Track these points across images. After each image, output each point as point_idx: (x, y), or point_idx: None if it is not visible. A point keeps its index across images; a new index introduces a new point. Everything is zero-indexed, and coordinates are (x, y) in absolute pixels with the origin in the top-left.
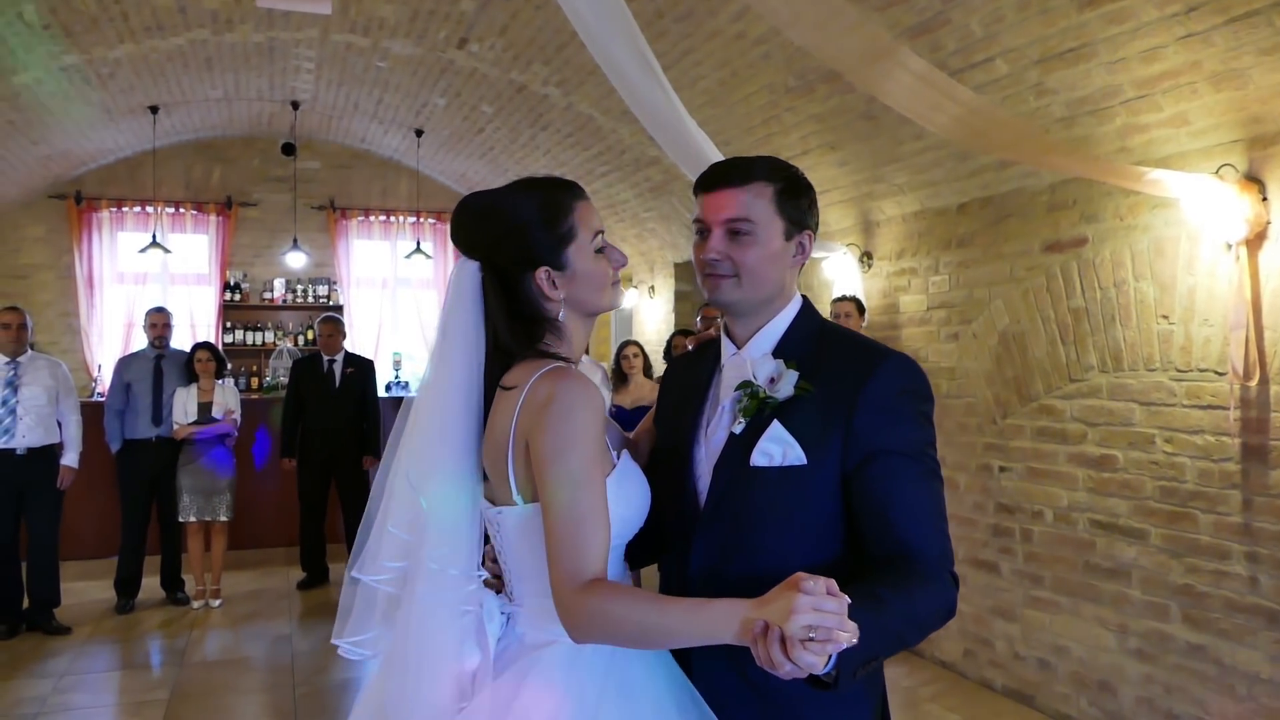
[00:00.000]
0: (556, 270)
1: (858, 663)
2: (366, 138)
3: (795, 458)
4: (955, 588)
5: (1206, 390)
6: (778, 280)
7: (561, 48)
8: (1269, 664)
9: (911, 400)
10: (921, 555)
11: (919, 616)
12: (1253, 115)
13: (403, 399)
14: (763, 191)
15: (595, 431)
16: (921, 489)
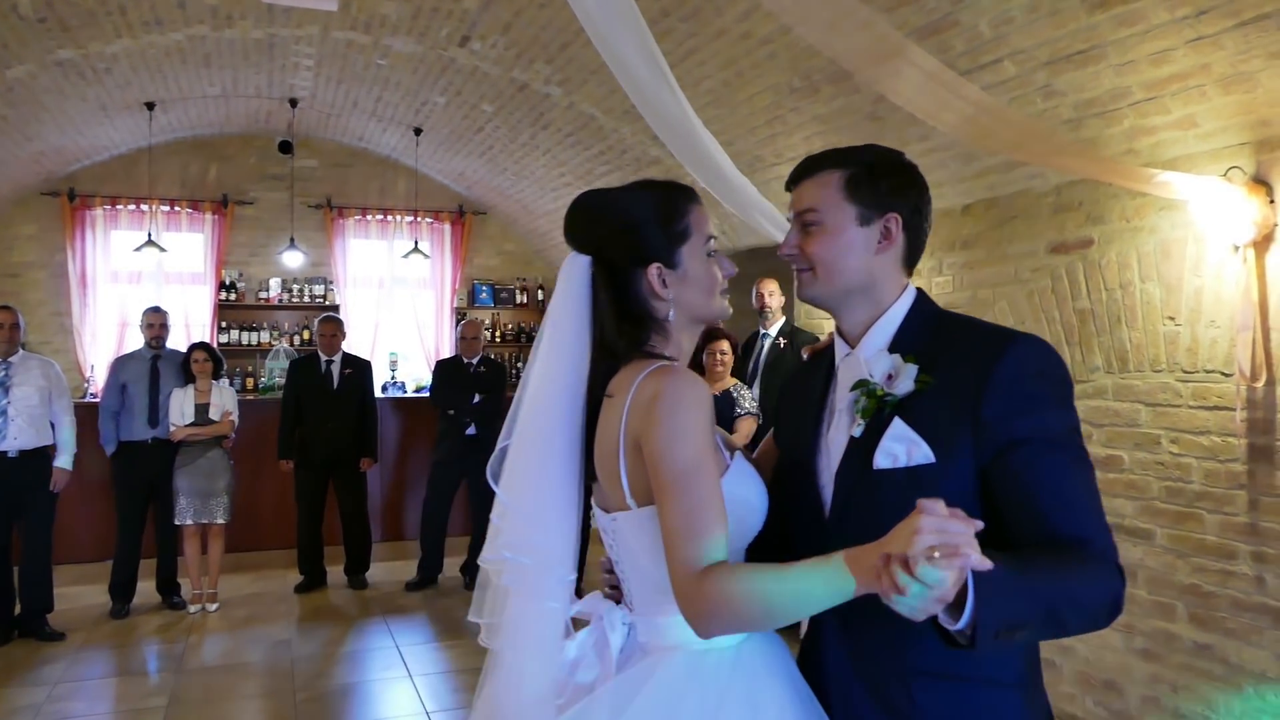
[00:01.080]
0: (669, 268)
1: (999, 623)
2: (365, 136)
3: (922, 456)
4: (1121, 583)
5: (1213, 391)
6: (859, 269)
7: (565, 46)
8: (1275, 663)
9: (1047, 383)
10: (1083, 542)
11: (1077, 596)
12: (1261, 118)
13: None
14: (827, 180)
15: (705, 424)
16: (1072, 476)
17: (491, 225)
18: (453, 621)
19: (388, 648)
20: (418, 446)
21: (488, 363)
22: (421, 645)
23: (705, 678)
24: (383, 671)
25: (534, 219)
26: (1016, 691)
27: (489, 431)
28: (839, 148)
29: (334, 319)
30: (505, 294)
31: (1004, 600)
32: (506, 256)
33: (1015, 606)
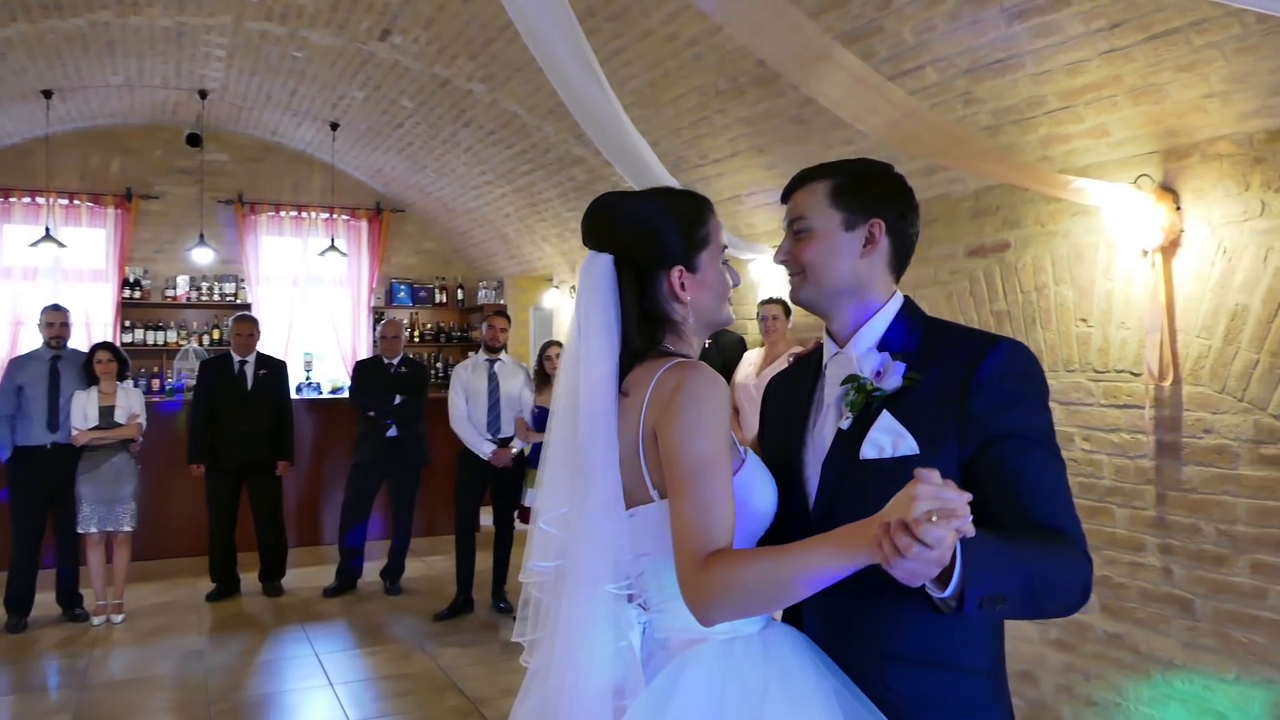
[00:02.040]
0: (689, 272)
1: (983, 592)
2: (278, 130)
3: (907, 448)
4: (1090, 569)
5: (1123, 390)
6: (847, 272)
7: (488, 43)
8: (1181, 650)
9: (1028, 383)
10: (1059, 531)
11: (1054, 576)
12: (1169, 128)
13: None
14: (816, 189)
15: (723, 418)
16: (1049, 471)
17: (410, 223)
18: (373, 627)
19: (306, 656)
20: (334, 449)
21: (409, 363)
22: (341, 653)
23: (741, 669)
24: (301, 681)
25: (454, 217)
26: (985, 678)
27: (410, 433)
28: (831, 161)
29: (249, 318)
30: (424, 293)
31: (989, 570)
32: (426, 255)
33: (999, 577)
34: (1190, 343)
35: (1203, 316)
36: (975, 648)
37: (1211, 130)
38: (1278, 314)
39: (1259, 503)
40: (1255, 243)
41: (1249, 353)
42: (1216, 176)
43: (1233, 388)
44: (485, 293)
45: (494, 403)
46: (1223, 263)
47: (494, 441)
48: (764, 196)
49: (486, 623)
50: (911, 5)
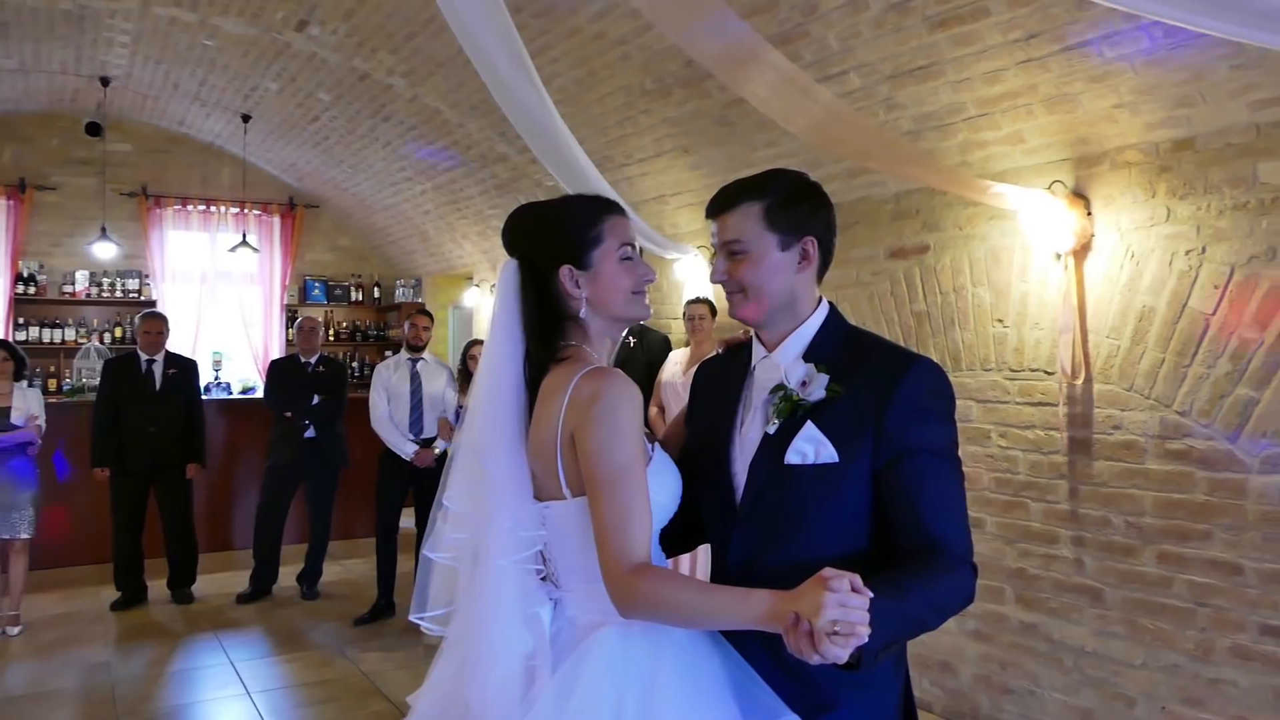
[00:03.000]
0: (579, 270)
1: (879, 646)
2: (186, 120)
3: (828, 456)
4: (975, 577)
5: (1037, 388)
6: (785, 290)
7: (411, 37)
8: (1093, 638)
9: (939, 401)
10: (947, 547)
11: (940, 603)
12: (1080, 137)
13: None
14: (749, 211)
15: (637, 425)
16: (947, 485)
17: (324, 219)
18: (291, 634)
19: (221, 665)
20: (246, 451)
21: (327, 362)
22: (258, 660)
23: (639, 656)
24: (217, 690)
25: (371, 213)
26: (891, 660)
27: (329, 434)
28: (751, 177)
29: (158, 315)
30: (339, 291)
31: (885, 629)
32: (341, 252)
33: (893, 630)
34: (1100, 343)
35: (1112, 318)
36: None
37: (1120, 139)
38: (1182, 315)
39: (1165, 495)
40: (1161, 247)
41: (1155, 352)
42: (1125, 184)
43: (1140, 386)
44: (403, 291)
45: (417, 403)
46: (1131, 266)
47: (417, 442)
48: (688, 197)
49: (408, 627)
50: (837, 11)
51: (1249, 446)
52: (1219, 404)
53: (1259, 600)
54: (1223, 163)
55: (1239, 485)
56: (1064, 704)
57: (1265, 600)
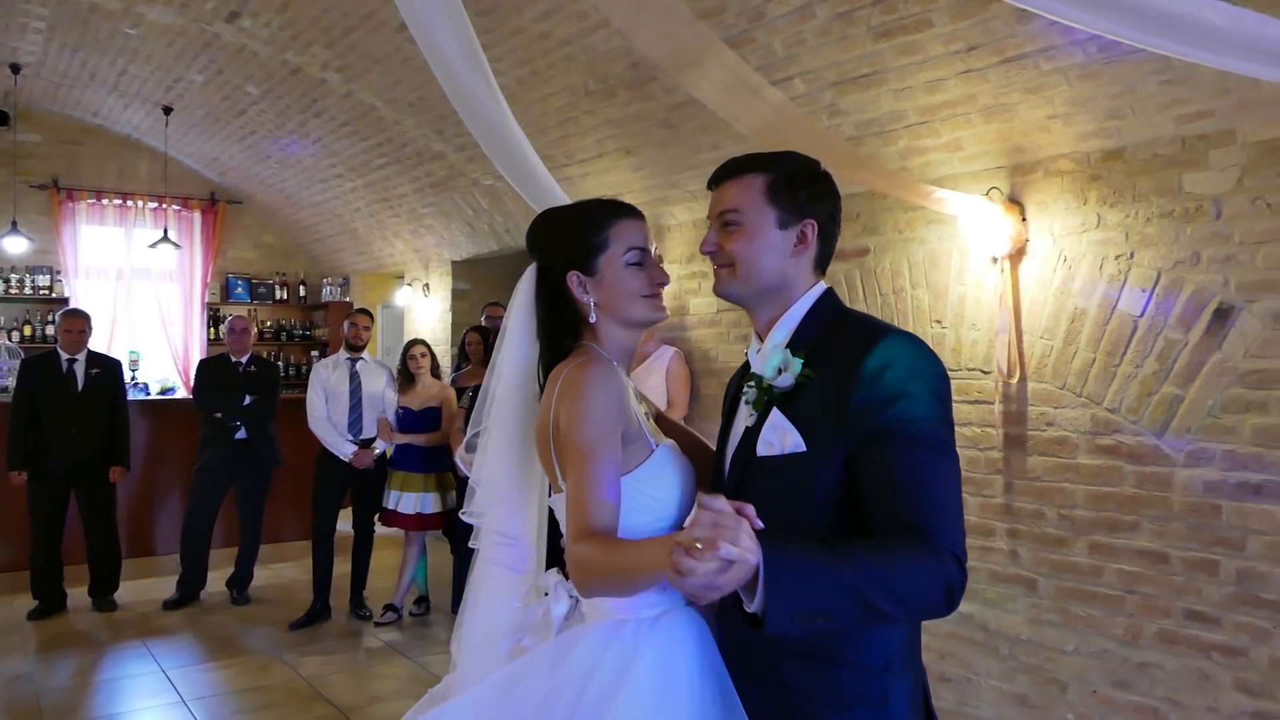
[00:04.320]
0: (586, 275)
1: (793, 609)
2: (101, 111)
3: (794, 445)
4: (957, 571)
5: (974, 387)
6: (776, 270)
7: (348, 31)
8: (1027, 626)
9: (915, 378)
10: (922, 532)
11: (893, 584)
12: (1016, 145)
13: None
14: (752, 183)
15: (607, 407)
16: (927, 469)
17: (248, 215)
18: (224, 639)
19: (152, 673)
20: (168, 453)
21: (258, 362)
22: (191, 668)
23: (624, 640)
24: (150, 699)
25: (298, 210)
26: (881, 675)
27: (261, 435)
28: (761, 152)
29: (80, 313)
30: (264, 289)
31: (800, 588)
32: (265, 249)
33: (814, 594)
34: (1035, 343)
35: (1046, 319)
36: (869, 645)
37: (1054, 149)
38: (1111, 317)
39: (1095, 488)
40: (1092, 252)
41: (1086, 352)
42: (1058, 191)
43: (1072, 384)
44: (330, 289)
45: (356, 403)
46: (1063, 270)
47: (356, 443)
48: (630, 198)
49: (346, 630)
50: (784, 19)
51: (1174, 442)
52: (1146, 401)
53: (1184, 587)
54: (1150, 173)
55: (1165, 478)
56: (999, 690)
57: (1190, 587)
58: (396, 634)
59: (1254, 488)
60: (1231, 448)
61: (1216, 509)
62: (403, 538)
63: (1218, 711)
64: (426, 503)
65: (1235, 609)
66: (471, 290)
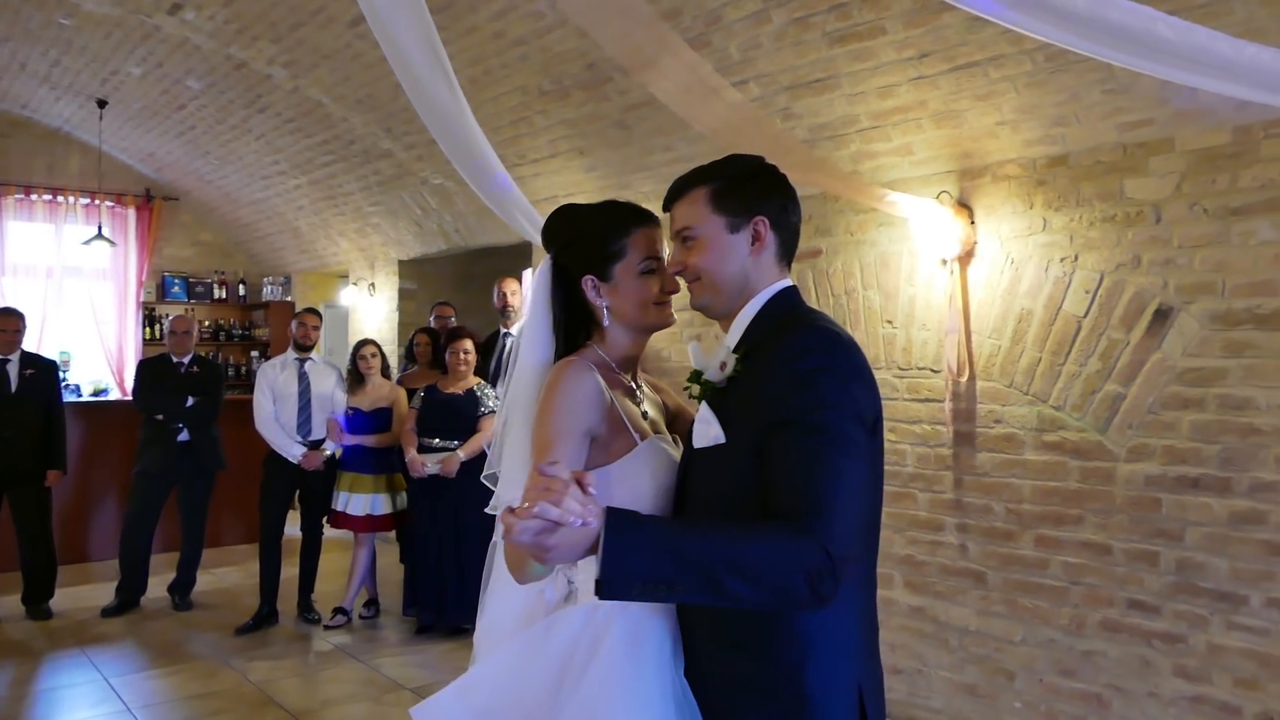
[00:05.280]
0: (601, 281)
1: (632, 578)
2: (31, 104)
3: (715, 437)
4: (823, 560)
5: (924, 386)
6: (738, 273)
7: (296, 26)
8: (976, 617)
9: (822, 374)
10: (797, 518)
11: (743, 564)
12: (965, 150)
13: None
14: (697, 196)
15: (570, 407)
16: (818, 460)
17: (185, 212)
18: (168, 646)
19: (94, 682)
20: (103, 456)
21: (201, 362)
22: (134, 675)
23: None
24: (93, 708)
25: (237, 208)
26: (798, 670)
27: (204, 436)
28: (703, 165)
29: (13, 312)
30: (201, 288)
31: (640, 558)
32: (203, 247)
33: (655, 565)
34: (983, 343)
35: (993, 320)
36: (786, 639)
37: (1001, 154)
38: (1057, 318)
39: (1041, 483)
40: (1038, 255)
41: (1033, 352)
42: (1005, 195)
43: (1019, 382)
44: (271, 289)
45: (305, 404)
46: (1010, 272)
47: (305, 444)
48: (582, 199)
49: (295, 634)
50: (740, 23)
51: (1117, 437)
52: (1090, 399)
53: (1126, 577)
54: (1093, 178)
55: (1108, 473)
56: (949, 681)
57: (1132, 577)
58: (346, 637)
59: (1192, 481)
60: (1171, 443)
61: (1157, 502)
62: (350, 539)
63: (1158, 697)
64: (377, 504)
65: (1175, 598)
66: (419, 290)
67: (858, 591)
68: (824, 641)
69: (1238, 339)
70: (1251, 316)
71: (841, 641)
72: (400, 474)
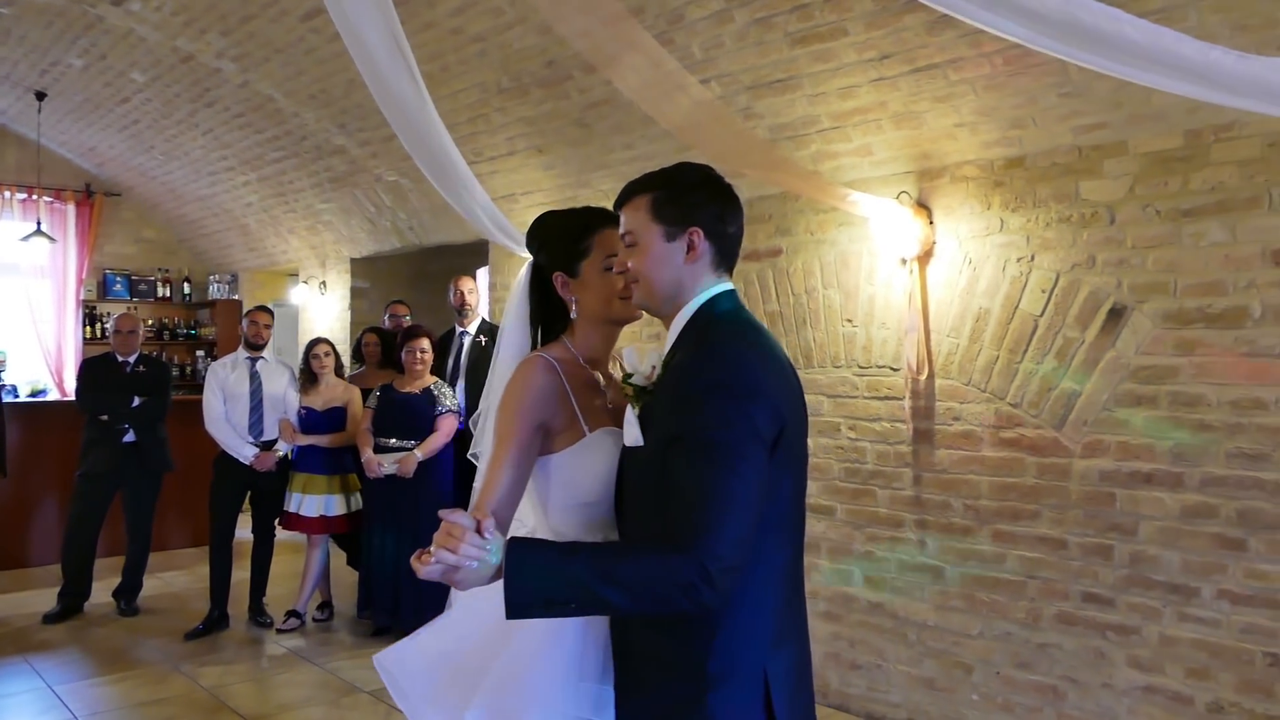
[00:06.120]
0: (570, 277)
1: (531, 599)
2: None
3: (635, 439)
4: (699, 573)
5: (884, 384)
6: (671, 280)
7: (247, 19)
8: (934, 612)
9: (711, 393)
10: (676, 533)
11: (620, 578)
12: (924, 151)
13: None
14: (639, 204)
15: (524, 398)
16: (703, 477)
17: (127, 209)
18: (112, 653)
19: (38, 690)
20: (42, 458)
21: (147, 361)
22: (80, 683)
23: None
24: (41, 716)
25: (182, 204)
26: (703, 650)
27: (151, 437)
28: (653, 171)
29: None
30: (145, 286)
31: (535, 581)
32: (146, 245)
33: (548, 586)
34: (942, 341)
35: (952, 319)
36: (698, 623)
37: (959, 155)
38: (1014, 317)
39: (999, 480)
40: (995, 255)
41: (990, 350)
42: (963, 196)
43: (977, 380)
44: (217, 287)
45: (256, 403)
46: (969, 272)
47: (257, 444)
48: (540, 197)
49: (246, 638)
50: (703, 22)
51: (1072, 434)
52: (1046, 396)
53: (1081, 571)
54: (1049, 180)
55: (1064, 469)
56: (908, 675)
57: (1086, 571)
58: (300, 640)
59: (1145, 476)
60: (1125, 439)
61: (1111, 497)
62: (302, 542)
63: (1112, 687)
64: (331, 505)
65: (1128, 590)
66: (372, 289)
67: (769, 589)
68: (731, 628)
69: (1189, 337)
70: (1202, 315)
71: (749, 631)
72: (354, 474)
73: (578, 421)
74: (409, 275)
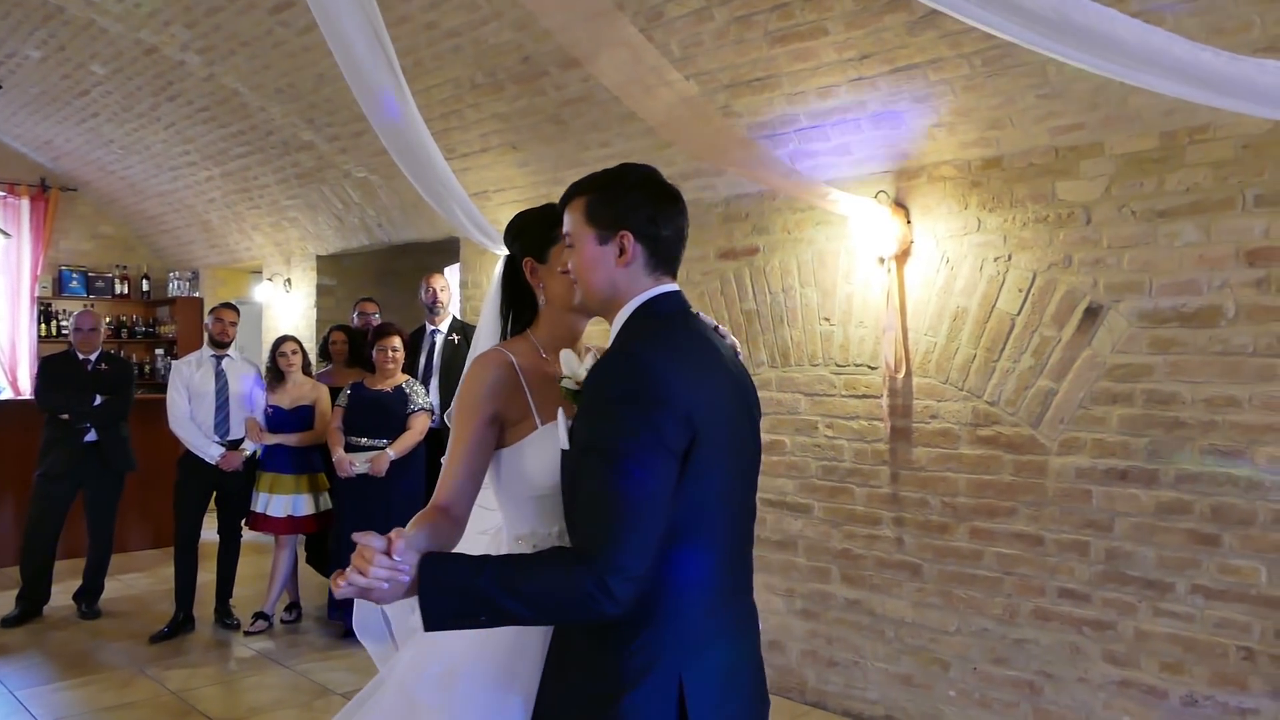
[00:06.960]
0: (539, 262)
1: (442, 614)
2: None
3: (562, 441)
4: (596, 582)
5: (861, 382)
6: (606, 283)
7: (214, 11)
8: (912, 609)
9: (617, 400)
10: (578, 544)
11: (520, 590)
12: (902, 151)
13: None
14: (577, 206)
15: (477, 391)
16: (605, 487)
17: (83, 204)
18: (74, 657)
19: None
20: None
21: (109, 359)
22: (42, 688)
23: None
24: None
25: (142, 200)
26: (617, 651)
27: (112, 436)
28: (595, 173)
29: None
30: (102, 283)
31: (447, 599)
32: (103, 241)
33: (459, 603)
34: (919, 340)
35: (930, 317)
36: (608, 653)
37: (937, 155)
38: (991, 316)
39: (976, 477)
40: (973, 254)
41: (968, 348)
42: (941, 196)
43: (955, 379)
44: (177, 284)
45: (222, 402)
46: (946, 271)
47: (223, 444)
48: (513, 194)
49: (213, 640)
50: (682, 19)
51: (1049, 431)
52: (1023, 394)
53: (1057, 567)
54: (1026, 180)
55: (1040, 466)
56: (885, 672)
57: (1062, 567)
58: (269, 642)
59: (1120, 473)
60: (1100, 436)
61: (1087, 494)
62: (268, 543)
63: (1088, 682)
64: (298, 504)
65: (1104, 586)
66: (338, 286)
67: (687, 596)
68: (647, 634)
69: (1164, 336)
70: (1177, 315)
71: (665, 637)
72: (323, 474)
73: (531, 414)
74: (377, 273)
